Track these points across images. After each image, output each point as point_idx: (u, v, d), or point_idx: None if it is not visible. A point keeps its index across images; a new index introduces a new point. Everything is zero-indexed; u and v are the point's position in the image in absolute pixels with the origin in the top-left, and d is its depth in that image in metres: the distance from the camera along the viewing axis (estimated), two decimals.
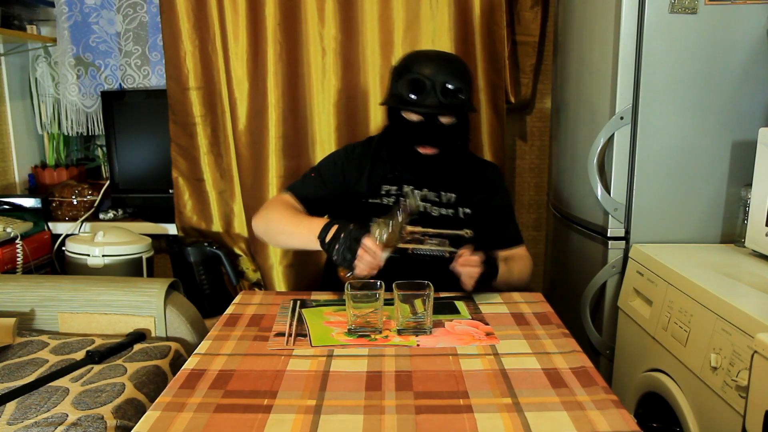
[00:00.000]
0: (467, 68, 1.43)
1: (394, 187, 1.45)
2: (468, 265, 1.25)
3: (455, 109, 1.36)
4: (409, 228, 1.32)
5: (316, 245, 1.23)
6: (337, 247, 1.17)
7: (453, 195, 1.46)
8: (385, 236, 1.16)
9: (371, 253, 1.15)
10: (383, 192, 1.45)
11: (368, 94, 2.10)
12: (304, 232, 1.27)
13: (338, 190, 1.47)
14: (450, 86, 1.34)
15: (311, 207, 1.44)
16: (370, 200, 1.44)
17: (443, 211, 1.44)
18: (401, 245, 1.31)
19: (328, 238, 1.20)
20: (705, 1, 1.47)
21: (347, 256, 1.16)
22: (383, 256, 1.16)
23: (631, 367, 1.53)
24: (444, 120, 1.37)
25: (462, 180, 1.49)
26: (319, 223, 1.25)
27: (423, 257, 1.38)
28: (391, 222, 1.17)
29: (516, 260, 1.45)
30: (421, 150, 1.39)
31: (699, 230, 1.58)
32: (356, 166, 1.49)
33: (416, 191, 1.45)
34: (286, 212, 1.36)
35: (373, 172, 1.47)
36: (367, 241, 1.15)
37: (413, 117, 1.37)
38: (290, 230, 1.32)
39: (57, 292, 1.51)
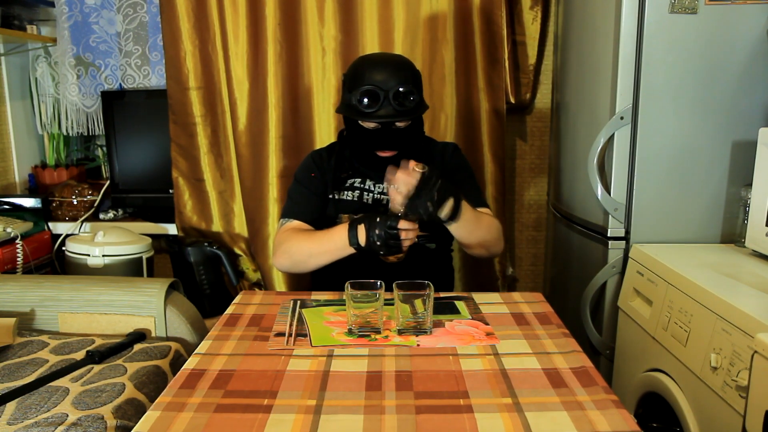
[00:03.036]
0: (415, 69, 1.46)
1: (358, 180, 1.51)
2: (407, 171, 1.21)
3: (409, 114, 1.40)
4: None
5: (350, 251, 1.32)
6: (379, 243, 1.26)
7: None
8: (405, 202, 1.22)
9: (408, 230, 1.25)
10: (347, 185, 1.50)
11: None
12: (331, 248, 1.34)
13: (323, 191, 1.52)
14: (402, 90, 1.37)
15: (314, 220, 1.48)
16: (336, 196, 1.49)
17: None
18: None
19: (363, 242, 1.28)
20: (705, 1, 1.47)
21: (395, 244, 1.26)
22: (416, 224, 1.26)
23: (631, 367, 1.53)
24: (400, 124, 1.41)
25: None
26: (340, 232, 1.32)
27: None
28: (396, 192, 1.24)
29: (484, 215, 1.44)
30: (381, 154, 1.44)
31: (699, 230, 1.58)
32: (324, 166, 1.55)
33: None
34: (302, 237, 1.40)
35: (338, 169, 1.53)
36: (401, 224, 1.24)
37: (370, 125, 1.41)
38: (317, 251, 1.37)
39: (57, 292, 1.51)
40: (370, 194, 1.50)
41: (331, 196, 1.50)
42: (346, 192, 1.50)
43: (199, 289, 2.15)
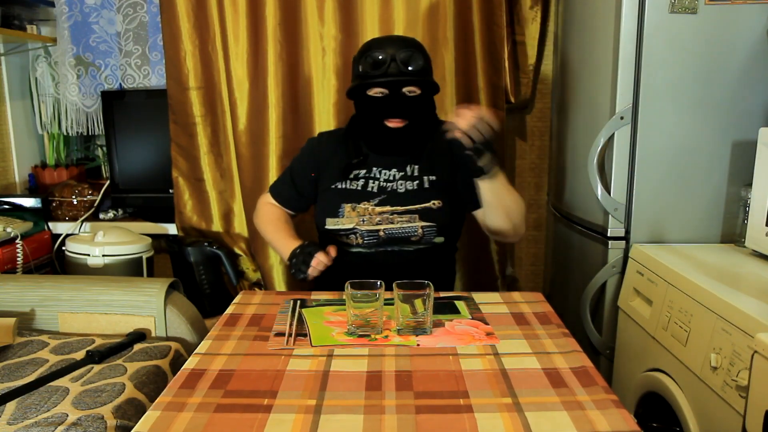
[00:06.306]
0: (422, 45, 1.48)
1: (363, 170, 1.50)
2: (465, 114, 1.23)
3: (414, 77, 1.41)
4: (378, 209, 1.44)
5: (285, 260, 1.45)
6: (294, 261, 1.38)
7: (417, 166, 1.50)
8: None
9: (320, 261, 1.35)
10: (351, 176, 1.50)
11: None
12: (278, 251, 1.51)
13: (308, 189, 1.57)
14: (406, 55, 1.40)
15: (290, 205, 1.61)
16: (339, 185, 1.49)
17: (408, 186, 1.47)
18: (373, 227, 1.44)
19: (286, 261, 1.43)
20: (705, 1, 1.47)
21: (303, 270, 1.36)
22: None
23: (631, 367, 1.53)
24: (407, 90, 1.42)
25: (426, 148, 1.52)
26: (285, 246, 1.44)
27: (396, 236, 1.44)
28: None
29: (510, 186, 1.43)
30: (390, 123, 1.44)
31: (699, 230, 1.58)
32: (323, 155, 1.56)
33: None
34: (267, 221, 1.57)
35: (342, 157, 1.52)
36: (318, 256, 1.34)
37: (377, 92, 1.42)
38: (272, 244, 1.57)
39: (57, 292, 1.51)
40: (376, 182, 1.49)
41: (333, 186, 1.50)
42: (350, 182, 1.49)
43: (199, 289, 2.15)
